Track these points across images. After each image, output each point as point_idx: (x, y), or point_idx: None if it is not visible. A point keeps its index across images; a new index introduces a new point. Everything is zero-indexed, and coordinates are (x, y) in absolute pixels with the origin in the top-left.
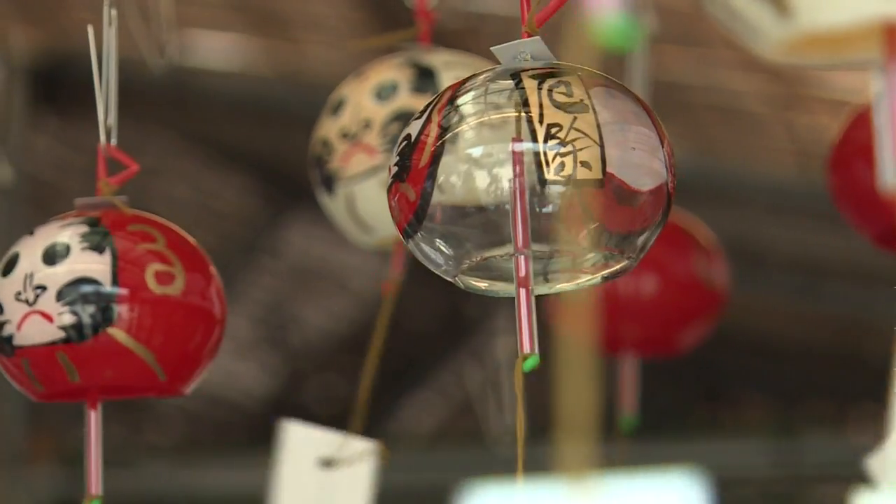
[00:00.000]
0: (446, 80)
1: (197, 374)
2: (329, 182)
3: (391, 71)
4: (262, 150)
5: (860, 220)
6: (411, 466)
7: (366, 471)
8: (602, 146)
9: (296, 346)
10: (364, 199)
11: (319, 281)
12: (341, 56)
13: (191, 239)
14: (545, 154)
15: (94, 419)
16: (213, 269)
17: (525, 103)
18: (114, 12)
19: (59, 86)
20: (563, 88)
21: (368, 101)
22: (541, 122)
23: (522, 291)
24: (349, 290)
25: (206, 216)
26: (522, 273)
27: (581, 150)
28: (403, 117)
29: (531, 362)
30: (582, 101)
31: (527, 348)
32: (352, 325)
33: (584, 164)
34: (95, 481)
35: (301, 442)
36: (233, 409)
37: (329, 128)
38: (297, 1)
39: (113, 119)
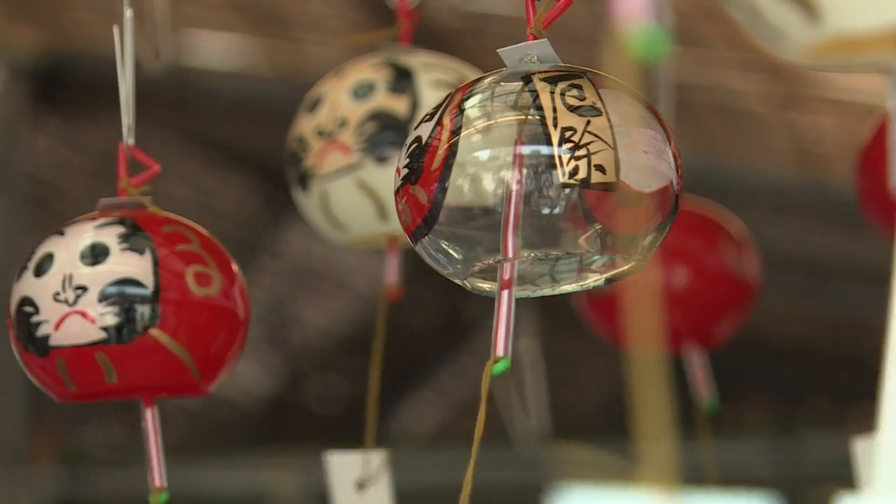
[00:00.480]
0: (424, 81)
1: (225, 374)
2: (304, 179)
3: (369, 70)
4: (262, 150)
5: (886, 225)
6: (412, 466)
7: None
8: (615, 149)
9: (296, 346)
10: (338, 198)
11: (319, 281)
12: (341, 56)
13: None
14: (559, 157)
15: (150, 417)
16: (237, 269)
17: (538, 106)
18: (129, 12)
19: (59, 86)
20: (574, 92)
21: (345, 99)
22: (555, 125)
23: (505, 294)
24: (349, 290)
25: (207, 216)
26: (507, 276)
27: (595, 153)
28: (379, 117)
29: (502, 366)
30: (594, 104)
31: (500, 351)
32: (352, 325)
33: (598, 167)
34: (159, 475)
35: (341, 467)
36: (233, 409)
37: (305, 125)
38: (297, 1)
39: (132, 119)
